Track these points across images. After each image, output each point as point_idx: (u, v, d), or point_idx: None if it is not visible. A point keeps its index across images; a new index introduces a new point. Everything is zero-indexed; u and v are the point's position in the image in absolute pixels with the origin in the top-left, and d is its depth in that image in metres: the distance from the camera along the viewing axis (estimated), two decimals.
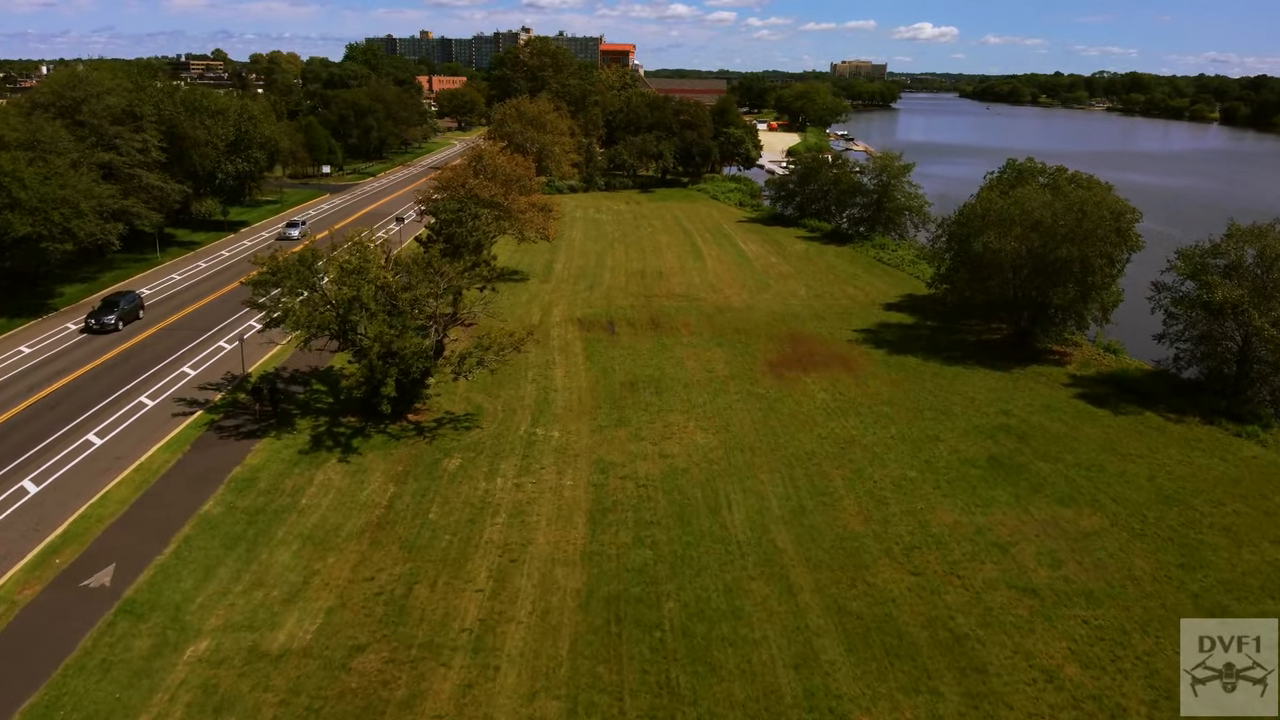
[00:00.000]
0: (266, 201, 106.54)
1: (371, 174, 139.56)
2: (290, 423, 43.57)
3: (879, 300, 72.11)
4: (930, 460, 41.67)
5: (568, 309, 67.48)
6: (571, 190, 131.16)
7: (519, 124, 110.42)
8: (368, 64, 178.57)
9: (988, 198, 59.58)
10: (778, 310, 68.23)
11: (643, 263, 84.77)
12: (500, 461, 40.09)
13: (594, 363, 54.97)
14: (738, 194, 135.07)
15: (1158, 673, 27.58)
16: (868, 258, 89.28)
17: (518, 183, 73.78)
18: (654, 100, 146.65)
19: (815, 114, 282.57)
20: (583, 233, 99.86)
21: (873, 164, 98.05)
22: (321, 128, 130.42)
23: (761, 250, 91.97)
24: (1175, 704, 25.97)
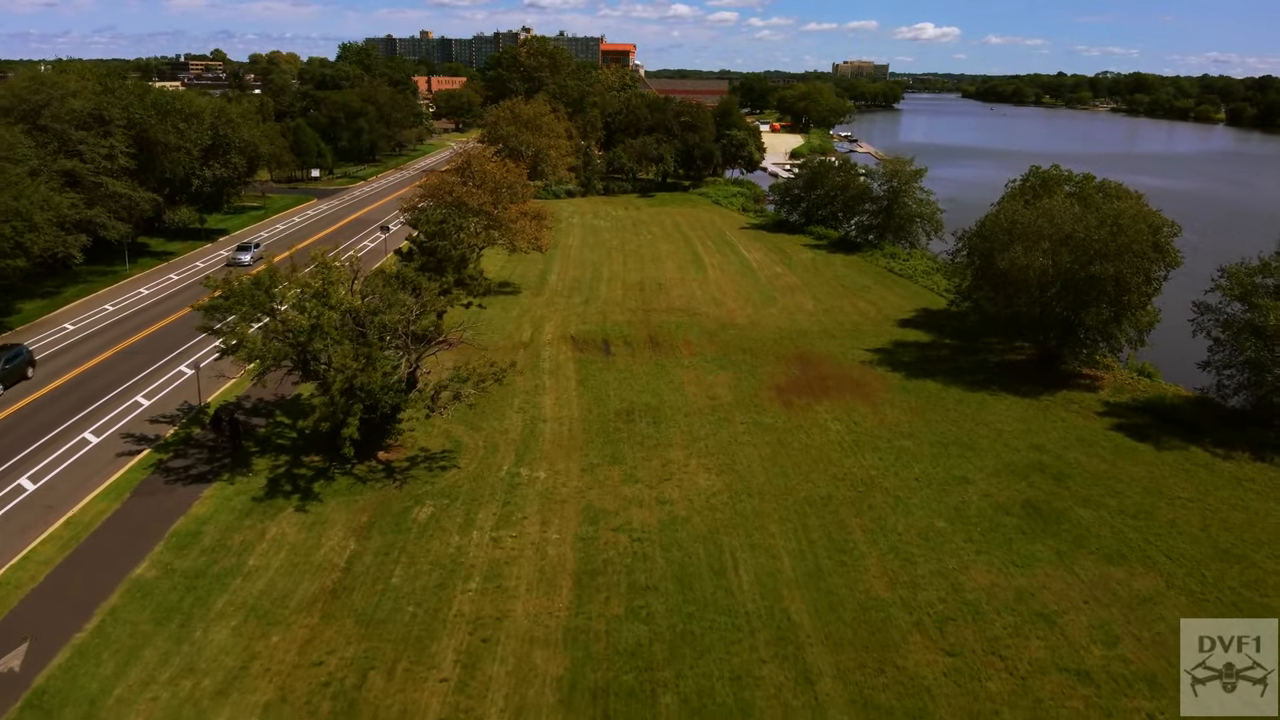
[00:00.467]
0: (249, 208, 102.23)
1: (362, 178, 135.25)
2: (247, 462, 39.22)
3: (892, 315, 67.72)
4: (960, 507, 37.29)
5: (560, 325, 63.14)
6: (569, 195, 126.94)
7: (513, 126, 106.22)
8: (361, 64, 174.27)
9: (1012, 209, 55.17)
10: (785, 327, 63.87)
11: (641, 273, 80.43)
12: (477, 510, 35.73)
13: (587, 388, 50.62)
14: (740, 198, 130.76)
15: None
16: (878, 268, 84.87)
17: (508, 190, 69.52)
18: (654, 101, 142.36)
19: (818, 115, 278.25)
20: (579, 240, 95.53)
21: (882, 169, 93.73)
22: (310, 130, 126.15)
23: (766, 259, 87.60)
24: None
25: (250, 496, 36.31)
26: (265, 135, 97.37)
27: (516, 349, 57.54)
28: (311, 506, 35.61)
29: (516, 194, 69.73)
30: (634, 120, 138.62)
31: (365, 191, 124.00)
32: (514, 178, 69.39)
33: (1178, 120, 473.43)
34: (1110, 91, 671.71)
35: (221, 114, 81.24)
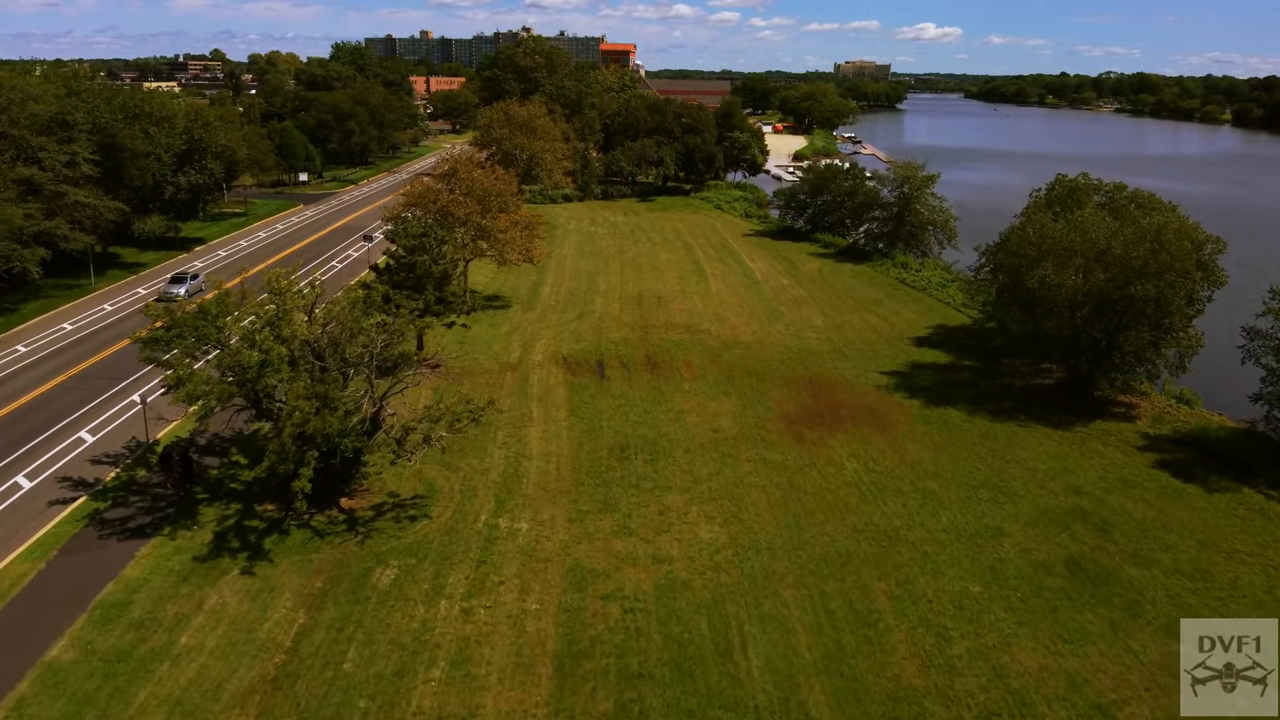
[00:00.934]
0: (231, 214, 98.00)
1: (353, 181, 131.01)
2: (192, 513, 34.97)
3: (907, 332, 63.41)
4: (996, 566, 33.00)
5: (552, 344, 58.87)
6: (566, 199, 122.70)
7: (507, 129, 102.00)
8: (354, 65, 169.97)
9: (1040, 222, 50.80)
10: (792, 345, 59.57)
11: (640, 285, 76.15)
12: (448, 571, 31.47)
13: (578, 418, 46.35)
14: (743, 203, 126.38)
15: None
16: (889, 279, 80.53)
17: (497, 199, 65.24)
18: (654, 103, 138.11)
19: (822, 116, 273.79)
20: (575, 249, 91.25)
21: (893, 174, 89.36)
22: (298, 133, 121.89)
23: (771, 270, 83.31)
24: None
25: (192, 555, 32.06)
26: (247, 139, 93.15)
27: (504, 372, 53.28)
28: (260, 568, 31.35)
29: (506, 203, 65.43)
30: (633, 122, 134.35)
31: (355, 196, 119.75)
32: (503, 186, 65.11)
33: (1183, 121, 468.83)
34: (1114, 92, 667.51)
35: (197, 117, 76.99)
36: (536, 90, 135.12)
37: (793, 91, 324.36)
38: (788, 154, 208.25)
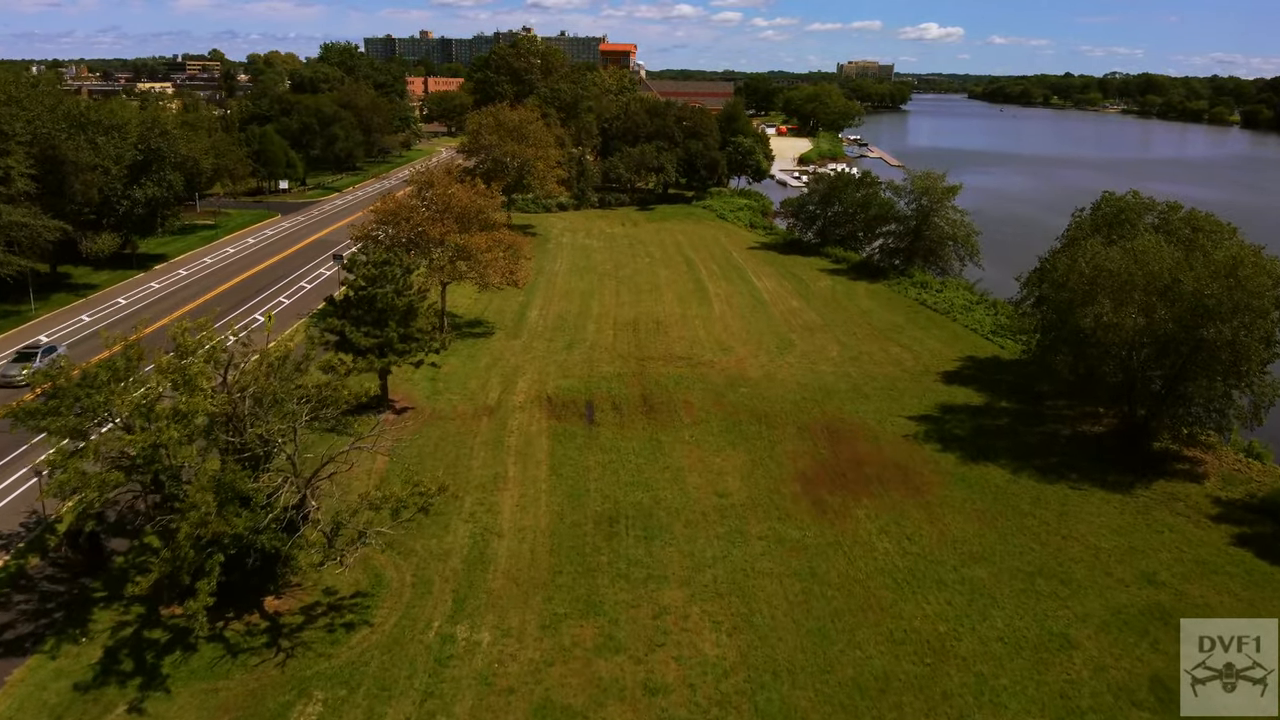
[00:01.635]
0: (200, 227, 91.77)
1: (337, 189, 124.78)
2: (85, 616, 28.72)
3: (932, 365, 57.06)
4: (1068, 692, 26.69)
5: (537, 380, 52.59)
6: (561, 208, 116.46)
7: (496, 135, 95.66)
8: (344, 66, 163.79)
9: (1092, 250, 44.38)
10: (806, 382, 53.26)
11: (636, 308, 69.86)
12: (384, 709, 25.16)
13: (561, 477, 40.08)
14: (748, 213, 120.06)
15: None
16: (908, 300, 74.16)
17: (478, 216, 59.00)
18: (654, 106, 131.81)
19: (827, 118, 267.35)
20: (568, 264, 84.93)
21: (910, 185, 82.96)
22: (278, 138, 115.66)
23: (779, 289, 76.98)
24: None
25: (73, 682, 25.82)
26: (216, 146, 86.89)
27: (479, 416, 46.98)
28: (153, 702, 25.07)
29: (487, 220, 59.16)
30: (632, 127, 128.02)
31: (337, 205, 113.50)
32: (484, 202, 58.84)
33: (1191, 122, 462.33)
34: (1119, 93, 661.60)
35: (154, 125, 70.69)
36: (531, 93, 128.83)
37: (796, 92, 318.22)
38: (792, 158, 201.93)
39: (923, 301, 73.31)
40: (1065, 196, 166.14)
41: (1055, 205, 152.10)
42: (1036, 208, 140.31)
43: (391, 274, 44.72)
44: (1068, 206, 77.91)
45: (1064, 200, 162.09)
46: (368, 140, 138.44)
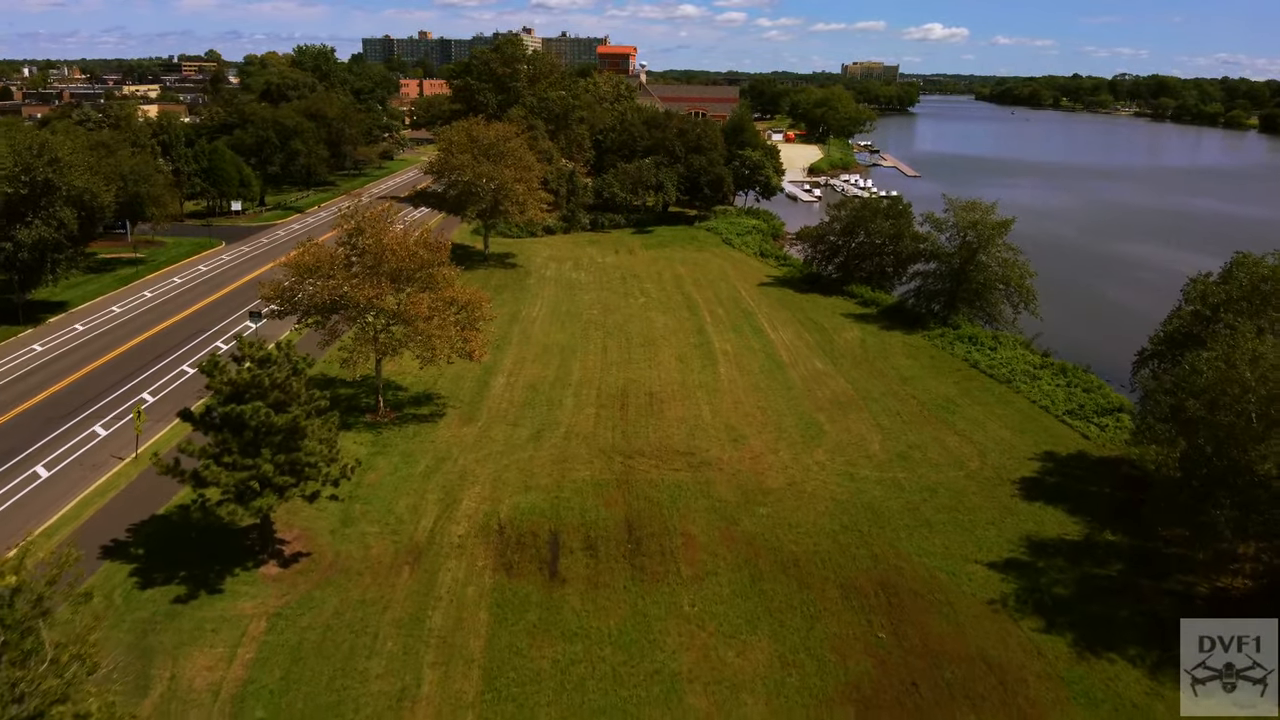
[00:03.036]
0: (123, 261, 79.00)
1: (300, 209, 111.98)
2: None
3: (1005, 467, 44.11)
4: None
5: (489, 495, 39.80)
6: (547, 232, 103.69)
7: (469, 154, 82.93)
8: (317, 71, 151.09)
9: (1256, 349, 31.29)
10: (846, 498, 40.39)
11: (627, 371, 57.06)
12: None
13: (499, 697, 27.24)
14: (757, 237, 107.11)
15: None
16: (955, 360, 61.18)
17: (420, 273, 46.19)
18: (653, 118, 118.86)
19: (837, 124, 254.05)
20: (548, 307, 72.05)
21: (951, 217, 69.86)
22: (230, 154, 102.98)
23: (799, 343, 64.06)
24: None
25: None
26: (137, 171, 74.09)
27: (399, 565, 34.18)
28: None
29: (434, 278, 46.31)
30: (629, 140, 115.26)
31: (295, 230, 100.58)
32: (427, 255, 45.95)
33: (1206, 126, 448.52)
34: (1130, 94, 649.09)
35: (42, 152, 57.91)
36: (516, 102, 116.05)
37: (804, 96, 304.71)
38: (802, 168, 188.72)
39: (974, 363, 60.30)
40: (1106, 215, 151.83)
41: (1099, 226, 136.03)
42: (1077, 229, 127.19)
43: (273, 378, 31.83)
44: (1113, 228, 66.64)
45: (1106, 220, 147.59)
46: (337, 153, 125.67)
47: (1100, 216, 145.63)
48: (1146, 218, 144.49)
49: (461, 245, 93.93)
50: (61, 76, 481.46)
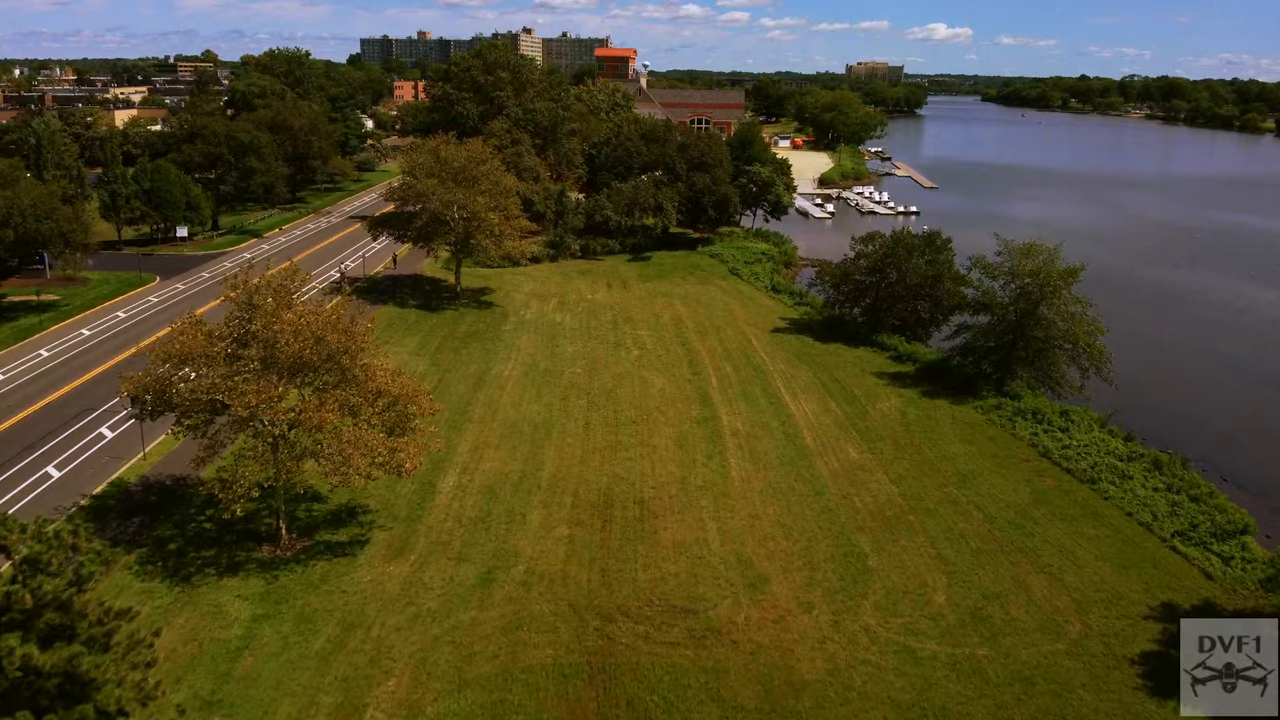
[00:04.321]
0: (26, 308, 67.38)
1: (257, 233, 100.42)
2: None
3: (1123, 638, 32.36)
4: None
5: (404, 702, 28.23)
6: (533, 260, 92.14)
7: (435, 179, 71.43)
8: (289, 77, 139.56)
9: None
10: (909, 699, 28.79)
11: (612, 464, 45.54)
12: None
13: None
14: (767, 265, 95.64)
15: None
16: (1021, 446, 49.43)
17: (328, 364, 34.59)
18: (652, 130, 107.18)
19: (847, 129, 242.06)
20: (523, 366, 60.46)
21: (1007, 262, 57.99)
22: (177, 173, 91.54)
23: (825, 418, 52.42)
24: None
25: None
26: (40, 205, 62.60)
27: None
28: None
29: (349, 370, 34.67)
30: (624, 155, 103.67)
31: (252, 257, 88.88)
32: (339, 341, 34.27)
33: (1220, 129, 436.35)
34: (1140, 96, 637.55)
35: None
36: (500, 113, 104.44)
37: (810, 99, 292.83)
38: (812, 178, 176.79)
39: (1044, 450, 48.54)
40: (1142, 233, 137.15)
41: (1138, 247, 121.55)
42: (1113, 250, 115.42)
43: (43, 593, 20.18)
44: (1154, 249, 55.56)
45: (1144, 239, 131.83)
46: (305, 168, 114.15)
47: (1136, 235, 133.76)
48: (1189, 236, 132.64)
49: (430, 280, 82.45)
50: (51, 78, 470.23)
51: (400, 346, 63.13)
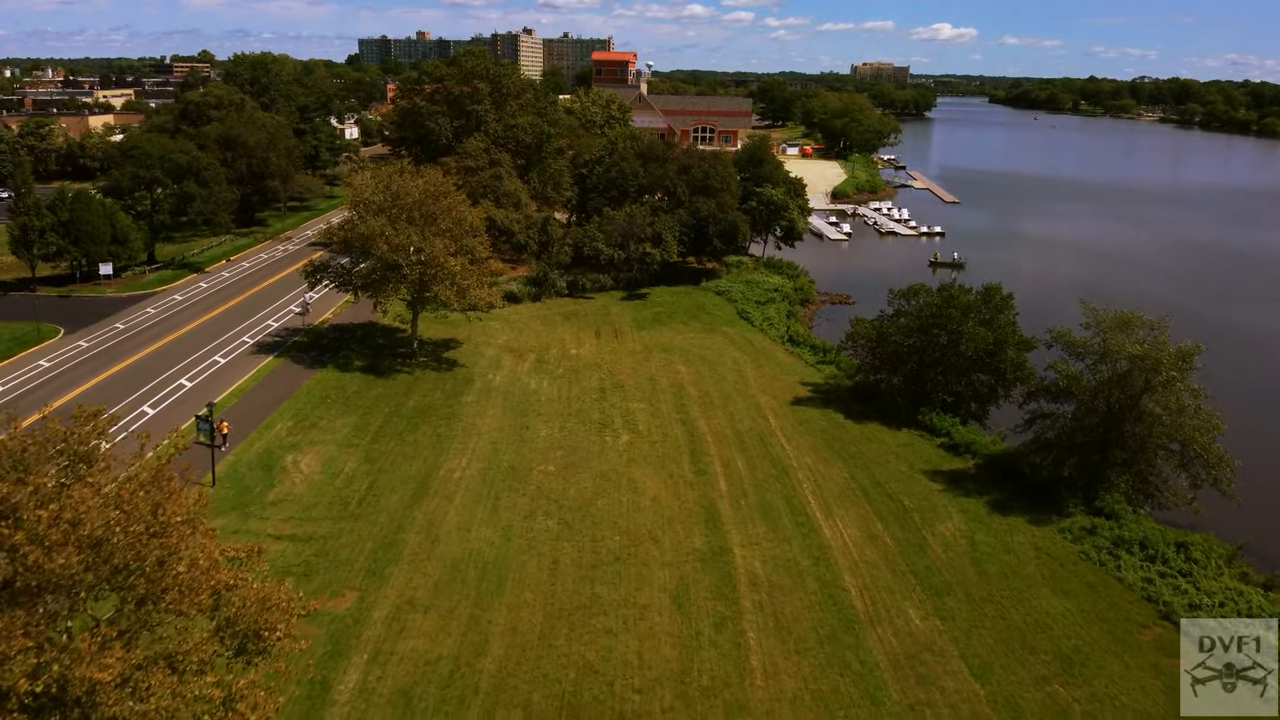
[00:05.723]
0: None
1: (199, 266, 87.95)
2: None
3: None
4: None
5: None
6: (511, 300, 79.72)
7: (384, 218, 59.06)
8: (255, 85, 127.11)
9: None
10: None
11: (584, 639, 33.12)
12: None
13: None
14: (783, 305, 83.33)
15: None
16: (1134, 600, 36.60)
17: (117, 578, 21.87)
18: (650, 148, 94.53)
19: (860, 137, 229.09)
20: (480, 463, 47.85)
21: (1098, 336, 45.27)
22: (100, 202, 79.29)
23: (872, 552, 39.83)
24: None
25: None
26: None
27: None
28: None
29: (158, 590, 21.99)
30: (619, 177, 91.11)
31: (176, 302, 76.66)
32: (147, 545, 21.62)
33: (1237, 134, 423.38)
34: (1151, 98, 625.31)
35: None
36: (478, 129, 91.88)
37: (818, 102, 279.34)
38: (824, 191, 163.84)
39: (1165, 608, 35.73)
40: (1196, 260, 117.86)
41: (1196, 279, 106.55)
42: (1167, 281, 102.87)
43: None
44: (1216, 281, 42.34)
45: (1201, 268, 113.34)
46: (261, 189, 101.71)
47: (1190, 262, 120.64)
48: (1251, 264, 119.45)
49: (386, 330, 69.88)
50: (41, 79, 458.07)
51: (329, 433, 50.59)
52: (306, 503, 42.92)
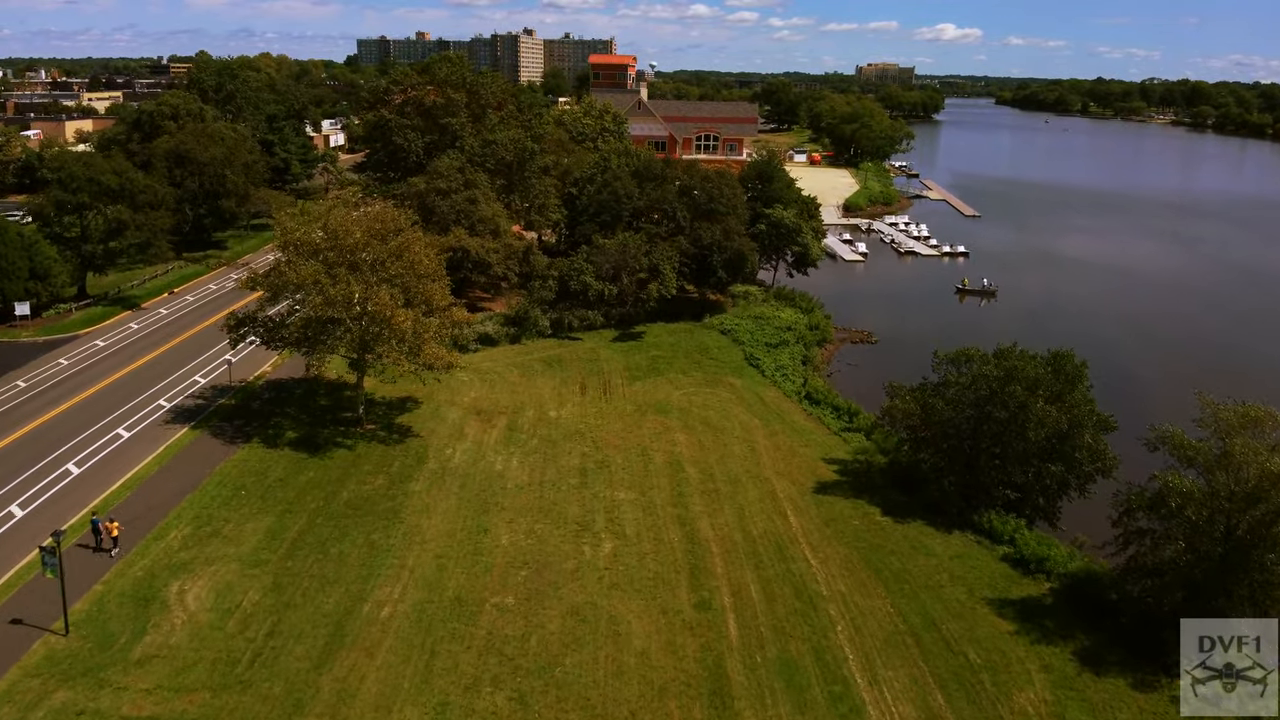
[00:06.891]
0: None
1: (135, 302, 77.55)
2: None
3: None
4: None
5: None
6: (487, 342, 69.48)
7: (319, 263, 48.69)
8: (220, 92, 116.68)
9: None
10: None
11: None
12: None
13: None
14: (798, 349, 73.06)
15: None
16: None
17: None
18: (647, 167, 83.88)
19: (871, 143, 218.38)
20: (417, 589, 37.42)
21: (1217, 441, 34.70)
22: (18, 231, 69.10)
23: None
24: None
25: None
26: None
27: None
28: None
29: None
30: (612, 200, 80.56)
31: (99, 349, 66.25)
32: None
33: (1252, 137, 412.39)
34: (1162, 100, 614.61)
35: None
36: (453, 145, 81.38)
37: (825, 105, 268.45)
38: (836, 204, 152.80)
39: None
40: (1240, 283, 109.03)
41: (1242, 308, 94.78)
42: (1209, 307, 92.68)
43: None
44: (1267, 308, 32.55)
45: (1245, 293, 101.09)
46: (215, 210, 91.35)
47: (1234, 286, 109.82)
48: None
49: (334, 386, 59.35)
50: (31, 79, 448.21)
51: (233, 544, 40.03)
52: (183, 661, 32.46)
